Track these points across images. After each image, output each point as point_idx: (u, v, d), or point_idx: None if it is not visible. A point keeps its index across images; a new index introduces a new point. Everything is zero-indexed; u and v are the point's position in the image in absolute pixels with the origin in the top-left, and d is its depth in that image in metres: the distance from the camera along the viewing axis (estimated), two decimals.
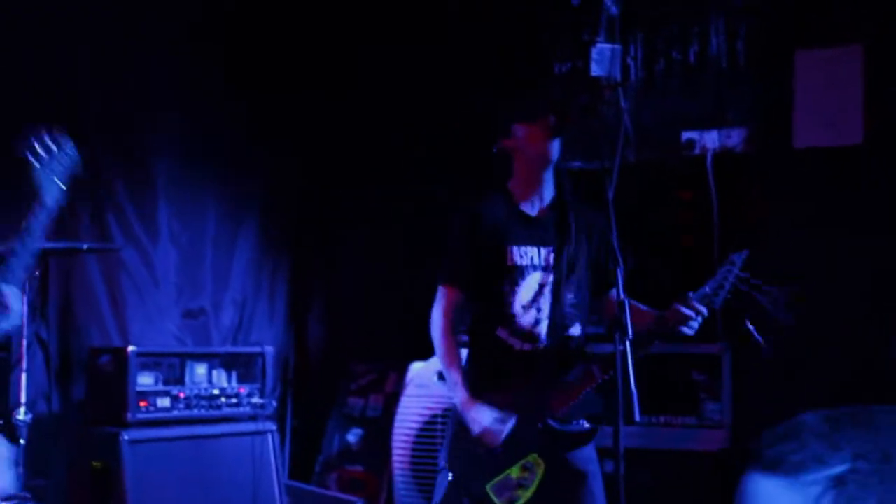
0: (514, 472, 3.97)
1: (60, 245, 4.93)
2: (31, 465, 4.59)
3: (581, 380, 4.03)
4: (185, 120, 6.17)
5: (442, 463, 4.11)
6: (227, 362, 5.65)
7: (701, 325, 3.96)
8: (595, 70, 5.66)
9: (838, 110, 5.16)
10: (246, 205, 6.65)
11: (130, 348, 5.17)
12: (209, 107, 6.32)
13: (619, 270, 3.75)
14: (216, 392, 5.49)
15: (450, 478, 4.05)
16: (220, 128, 6.37)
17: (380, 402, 6.47)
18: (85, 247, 5.29)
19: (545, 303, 4.08)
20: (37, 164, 3.41)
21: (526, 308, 4.07)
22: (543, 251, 4.11)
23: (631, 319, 3.87)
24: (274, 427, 5.67)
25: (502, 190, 4.18)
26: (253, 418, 5.61)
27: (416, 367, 5.97)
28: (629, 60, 5.99)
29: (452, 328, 4.11)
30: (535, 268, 4.09)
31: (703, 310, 3.91)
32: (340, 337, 7.00)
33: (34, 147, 3.34)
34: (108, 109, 5.76)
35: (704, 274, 4.92)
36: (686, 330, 3.94)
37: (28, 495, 4.26)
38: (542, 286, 4.09)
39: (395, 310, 6.52)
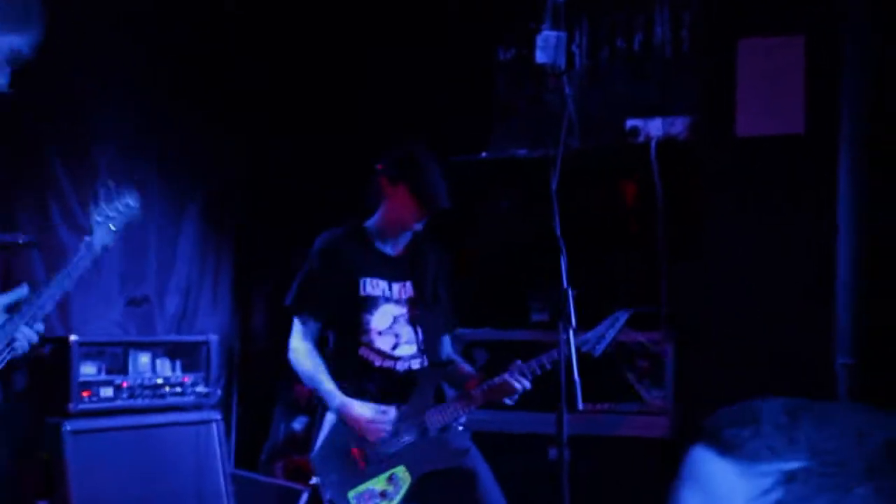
0: (379, 484, 4.04)
1: None
2: None
3: (459, 401, 4.14)
4: (128, 107, 6.12)
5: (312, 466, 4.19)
6: (172, 351, 5.62)
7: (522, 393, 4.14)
8: (540, 57, 5.66)
9: (780, 99, 5.20)
10: (189, 192, 6.60)
11: (73, 338, 5.12)
12: (153, 94, 6.26)
13: (561, 258, 3.79)
14: (160, 381, 5.46)
15: (315, 481, 4.14)
16: (164, 115, 6.32)
17: None
18: (21, 241, 5.23)
19: (402, 329, 4.27)
20: (96, 212, 3.52)
21: (382, 333, 4.24)
22: (395, 286, 4.30)
23: (455, 382, 4.08)
24: (219, 416, 5.64)
25: (358, 228, 4.37)
26: (198, 407, 5.58)
27: None
28: (574, 48, 6.00)
29: (315, 351, 4.28)
30: (386, 299, 4.27)
31: (527, 384, 4.03)
32: (286, 325, 6.96)
33: (98, 196, 3.38)
34: (52, 95, 5.68)
35: (648, 262, 4.99)
36: (507, 401, 4.14)
37: None
38: (395, 317, 4.28)
39: None
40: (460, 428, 4.18)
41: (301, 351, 4.28)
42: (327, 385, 4.19)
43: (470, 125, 6.21)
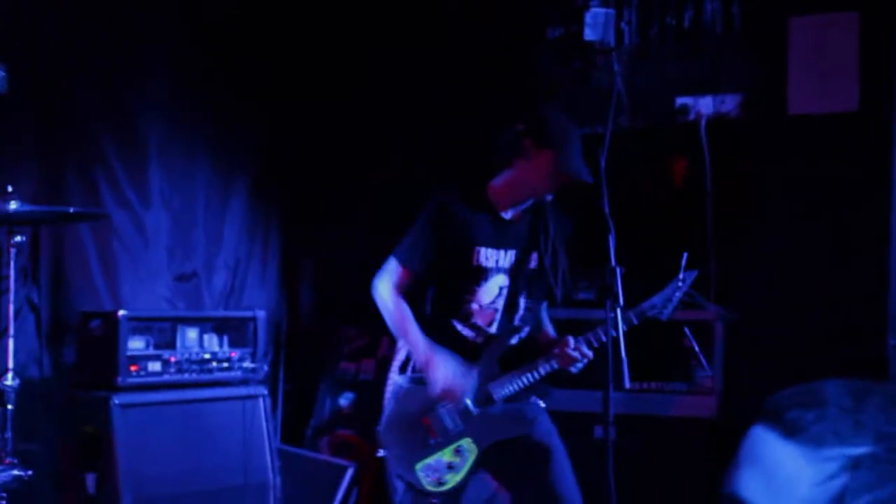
0: (446, 456, 4.02)
1: (49, 209, 4.91)
2: (21, 430, 4.57)
3: (523, 370, 4.08)
4: (175, 83, 6.14)
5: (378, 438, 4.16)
6: (219, 326, 5.64)
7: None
8: (588, 34, 5.63)
9: (833, 77, 5.14)
10: (238, 168, 6.62)
11: (121, 312, 5.15)
12: (201, 70, 6.29)
13: (609, 236, 3.76)
14: (207, 356, 5.48)
15: (382, 453, 4.11)
16: (212, 91, 6.34)
17: (372, 366, 6.47)
18: (71, 210, 5.26)
19: (501, 303, 4.15)
20: None
21: (483, 308, 4.12)
22: (510, 253, 4.14)
23: (540, 342, 4.01)
24: (265, 391, 5.66)
25: (480, 189, 4.17)
26: (244, 382, 5.61)
27: None
28: (623, 25, 5.95)
29: (401, 299, 4.13)
30: (499, 270, 4.13)
31: (590, 353, 3.96)
32: (332, 301, 6.99)
33: None
34: (99, 71, 5.72)
35: (697, 240, 4.95)
36: (571, 369, 4.04)
37: (16, 460, 4.26)
38: (501, 288, 4.14)
39: None
40: (539, 403, 4.12)
41: (390, 296, 4.11)
42: (414, 334, 4.06)
43: (508, 105, 6.17)
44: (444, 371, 3.99)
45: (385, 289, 4.13)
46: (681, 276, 4.00)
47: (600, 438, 3.68)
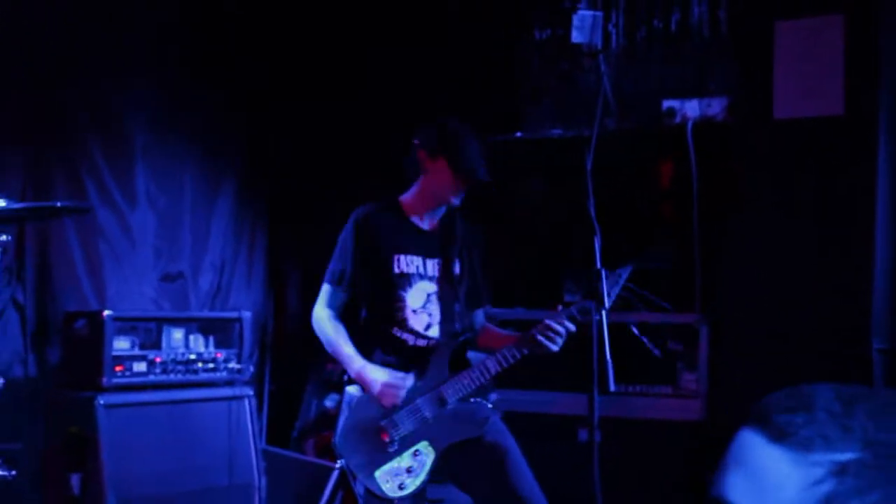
0: (404, 461, 4.05)
1: (34, 205, 4.90)
2: (5, 430, 4.57)
3: (476, 372, 4.10)
4: (162, 83, 6.14)
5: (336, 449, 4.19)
6: (205, 327, 5.64)
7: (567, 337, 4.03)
8: (576, 37, 5.62)
9: (819, 80, 5.14)
10: (225, 169, 6.62)
11: (106, 312, 5.15)
12: (188, 69, 6.29)
13: (595, 238, 3.78)
14: (193, 357, 5.48)
15: (340, 463, 4.15)
16: (198, 91, 6.34)
17: None
18: (59, 204, 5.25)
19: (435, 309, 4.23)
20: None
21: (416, 312, 4.21)
22: (430, 262, 4.26)
23: (490, 343, 4.06)
24: (251, 392, 5.67)
25: (394, 202, 4.32)
26: (230, 383, 5.61)
27: None
28: (610, 28, 5.96)
29: (336, 318, 4.28)
30: (421, 276, 4.23)
31: (571, 326, 3.97)
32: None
33: None
34: (84, 71, 5.71)
35: (683, 243, 4.95)
36: (552, 346, 4.01)
37: (0, 460, 4.25)
38: (429, 294, 4.23)
39: None
40: (489, 405, 4.16)
41: (323, 317, 4.28)
42: (347, 349, 4.19)
43: (496, 106, 6.18)
44: (378, 374, 4.10)
45: (319, 313, 4.31)
46: (618, 270, 4.02)
47: (585, 442, 3.69)
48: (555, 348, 4.01)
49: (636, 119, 5.88)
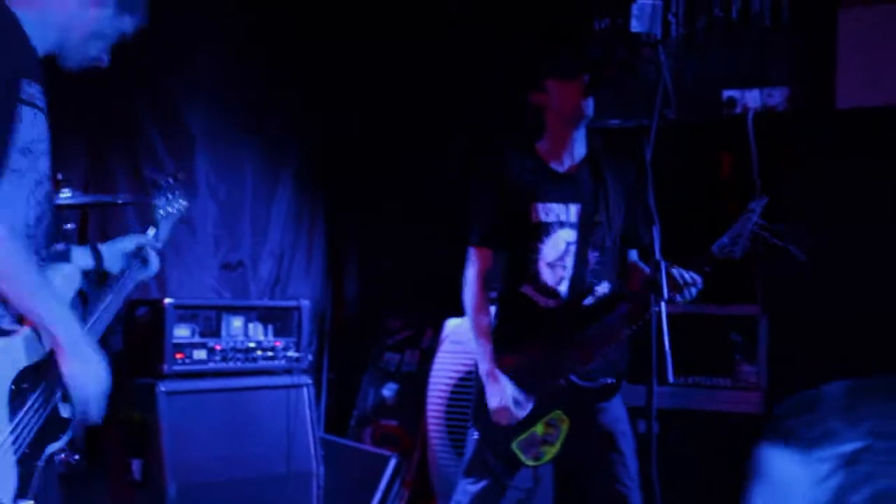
0: (539, 429, 3.99)
1: (97, 198, 4.96)
2: None
3: (604, 335, 4.01)
4: (220, 74, 6.18)
5: (471, 421, 4.13)
6: (264, 315, 5.67)
7: (699, 291, 3.94)
8: (635, 26, 5.56)
9: (882, 70, 5.08)
10: (282, 158, 6.66)
11: (167, 300, 5.20)
12: (244, 61, 6.32)
13: (654, 230, 3.73)
14: (252, 345, 5.51)
15: (475, 435, 4.08)
16: (256, 82, 6.38)
17: (415, 357, 6.49)
18: (120, 201, 5.32)
19: (569, 260, 4.06)
20: (158, 203, 3.47)
21: (551, 265, 4.05)
22: (573, 208, 4.08)
23: (630, 285, 3.93)
24: (309, 381, 5.69)
25: (529, 148, 4.14)
26: (288, 371, 5.64)
27: (452, 324, 5.97)
28: (670, 17, 5.91)
29: (484, 292, 4.10)
30: (561, 225, 4.06)
31: (699, 279, 3.89)
32: (377, 292, 7.02)
33: (160, 185, 3.41)
34: (144, 63, 5.75)
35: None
36: (679, 297, 3.90)
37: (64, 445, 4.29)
38: (568, 244, 4.07)
39: (431, 266, 6.51)
40: (608, 380, 4.05)
41: (471, 291, 4.09)
42: (482, 344, 4.04)
43: None
44: (502, 393, 3.97)
45: (468, 286, 4.12)
46: (750, 206, 3.93)
47: (643, 433, 3.67)
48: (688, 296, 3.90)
49: (696, 109, 5.83)
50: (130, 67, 5.66)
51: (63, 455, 4.31)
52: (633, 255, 4.26)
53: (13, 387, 2.55)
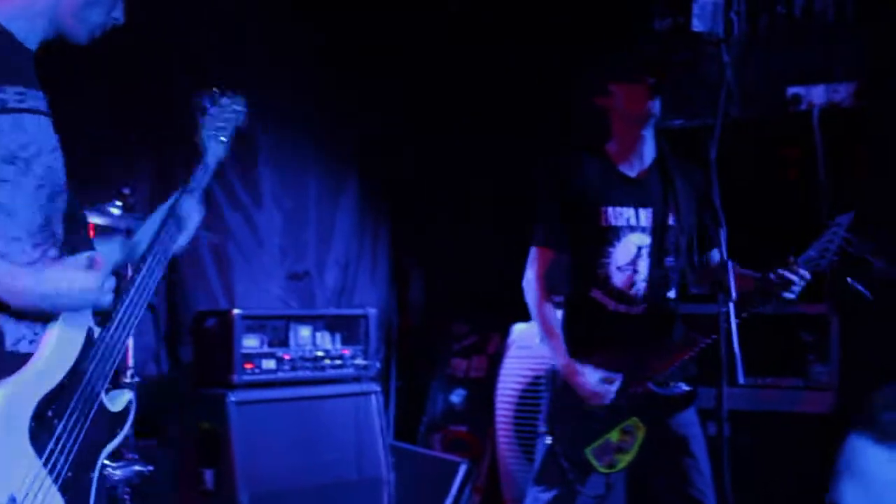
0: (614, 436, 3.95)
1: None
2: (142, 426, 4.68)
3: (682, 344, 3.99)
4: (283, 85, 6.22)
5: (542, 427, 4.11)
6: (331, 324, 5.70)
7: (805, 288, 3.89)
8: (697, 25, 5.55)
9: None
10: (345, 168, 6.70)
11: (236, 311, 5.24)
12: (306, 72, 6.37)
13: (721, 231, 3.70)
14: (320, 354, 5.54)
15: (548, 441, 4.05)
16: (319, 90, 6.41)
17: (483, 363, 6.48)
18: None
19: (643, 264, 4.03)
20: (203, 123, 3.22)
21: (622, 269, 4.02)
22: (643, 212, 4.05)
23: (734, 282, 3.83)
24: (378, 388, 5.71)
25: (598, 151, 4.11)
26: (357, 379, 5.66)
27: (519, 329, 5.95)
28: (732, 14, 5.86)
29: (547, 292, 4.08)
30: (632, 229, 4.03)
31: (807, 274, 3.84)
32: (442, 298, 7.02)
33: (203, 105, 3.17)
34: (208, 75, 5.82)
35: (811, 233, 4.83)
36: (788, 294, 3.87)
37: (137, 456, 4.36)
38: (640, 248, 4.04)
39: (496, 271, 6.50)
40: (684, 387, 4.04)
41: (534, 290, 4.08)
42: (554, 341, 4.01)
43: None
44: (587, 378, 3.94)
45: (530, 286, 4.09)
46: (836, 220, 3.88)
47: (714, 435, 3.63)
48: (792, 296, 3.87)
49: (760, 107, 5.77)
50: (196, 81, 5.74)
51: (136, 466, 4.37)
52: (715, 256, 4.16)
53: (33, 423, 2.44)
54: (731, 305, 3.66)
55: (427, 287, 7.15)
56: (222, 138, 3.23)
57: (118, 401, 2.68)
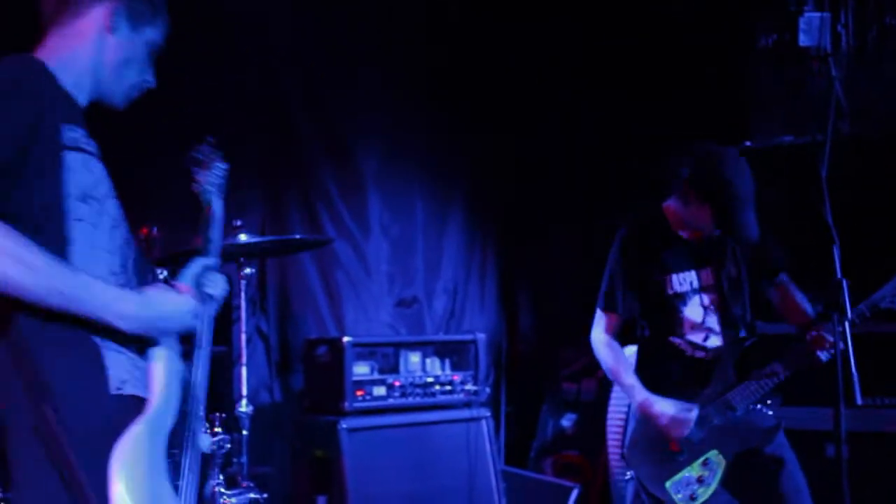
0: (695, 470, 3.96)
1: (276, 238, 5.08)
2: (255, 454, 4.74)
3: (763, 376, 3.98)
4: (389, 109, 6.28)
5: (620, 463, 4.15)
6: (441, 350, 5.71)
7: None
8: (803, 40, 5.48)
9: None
10: (451, 194, 6.72)
11: (346, 339, 5.27)
12: (415, 94, 6.41)
13: (834, 248, 3.65)
14: (430, 380, 5.55)
15: (630, 474, 4.08)
16: (424, 116, 6.46)
17: (593, 386, 6.44)
18: (297, 236, 5.45)
19: (713, 320, 4.13)
20: (202, 178, 3.14)
21: (695, 328, 4.12)
22: (703, 273, 4.14)
23: (787, 311, 3.88)
24: (488, 413, 5.69)
25: (658, 216, 4.20)
26: (467, 405, 5.65)
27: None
28: (839, 28, 5.77)
29: (615, 344, 4.22)
30: (696, 291, 4.13)
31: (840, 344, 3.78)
32: (551, 323, 7.00)
33: (199, 159, 3.10)
34: (317, 103, 5.91)
35: None
36: (823, 355, 3.90)
37: (252, 484, 4.41)
38: (706, 307, 4.13)
39: None
40: (769, 411, 4.05)
41: (601, 344, 4.24)
42: (629, 379, 4.13)
43: (724, 115, 6.05)
44: (664, 406, 4.02)
45: (598, 339, 4.26)
46: None
47: (833, 457, 3.57)
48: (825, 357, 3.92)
49: (871, 122, 5.66)
50: (305, 107, 5.84)
51: (251, 494, 4.42)
52: (784, 277, 4.24)
53: (168, 462, 2.49)
54: (847, 325, 3.61)
55: (535, 311, 7.13)
56: (218, 193, 3.13)
57: (205, 443, 2.73)
